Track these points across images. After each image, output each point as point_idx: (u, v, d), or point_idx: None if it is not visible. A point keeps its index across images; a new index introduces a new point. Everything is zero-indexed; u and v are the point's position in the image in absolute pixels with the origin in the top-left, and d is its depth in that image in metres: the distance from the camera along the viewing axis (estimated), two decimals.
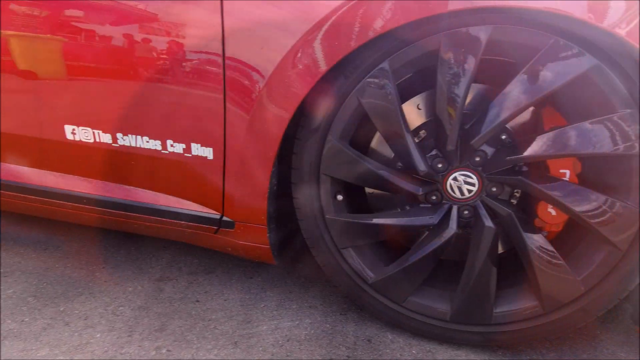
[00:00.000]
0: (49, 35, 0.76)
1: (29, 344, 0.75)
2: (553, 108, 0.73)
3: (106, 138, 0.81)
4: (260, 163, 0.76)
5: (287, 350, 0.78)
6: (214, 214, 0.83)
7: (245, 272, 1.03)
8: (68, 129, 0.81)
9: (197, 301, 0.90)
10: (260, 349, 0.78)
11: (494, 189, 0.72)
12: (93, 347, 0.75)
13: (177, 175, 0.82)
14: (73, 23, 0.76)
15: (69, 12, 0.75)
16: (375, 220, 0.77)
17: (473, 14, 0.62)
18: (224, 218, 0.83)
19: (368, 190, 0.88)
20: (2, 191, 0.91)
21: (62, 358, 0.72)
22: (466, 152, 0.69)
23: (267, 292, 0.96)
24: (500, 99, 0.64)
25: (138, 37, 0.73)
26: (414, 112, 0.77)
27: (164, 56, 0.72)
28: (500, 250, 0.81)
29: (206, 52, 0.70)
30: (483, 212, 0.71)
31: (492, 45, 0.63)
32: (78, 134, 0.81)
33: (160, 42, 0.72)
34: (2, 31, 0.78)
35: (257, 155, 0.75)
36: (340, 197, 0.78)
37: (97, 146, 0.81)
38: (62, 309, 0.84)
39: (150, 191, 0.85)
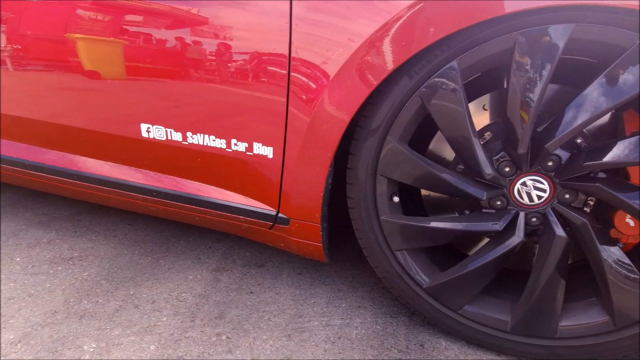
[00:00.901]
0: (129, 40, 0.83)
1: (104, 324, 0.82)
2: (636, 111, 0.67)
3: (177, 136, 0.86)
4: (317, 163, 0.77)
5: (339, 348, 0.79)
6: (270, 210, 0.86)
7: (294, 268, 1.05)
8: (144, 127, 0.88)
9: (251, 292, 0.94)
10: (313, 343, 0.80)
11: (567, 196, 0.68)
12: (160, 329, 0.81)
13: (238, 173, 0.86)
14: (149, 29, 0.81)
15: (149, 18, 0.81)
16: (434, 224, 0.75)
17: (552, 12, 0.59)
18: (280, 215, 0.86)
19: (424, 192, 0.86)
20: (78, 182, 1.00)
21: (133, 338, 0.79)
22: (538, 156, 0.66)
23: (316, 288, 0.98)
24: (579, 101, 0.61)
25: (208, 41, 0.77)
26: (479, 113, 0.75)
27: (233, 59, 0.75)
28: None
29: (273, 55, 0.72)
30: (554, 219, 0.67)
31: (572, 44, 0.59)
32: (152, 132, 0.87)
33: (229, 46, 0.75)
34: (81, 35, 0.86)
35: (315, 156, 0.77)
36: (396, 199, 0.78)
37: (168, 144, 0.87)
38: (131, 292, 0.91)
39: (213, 187, 0.89)
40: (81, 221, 1.23)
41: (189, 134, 0.85)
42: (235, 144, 0.83)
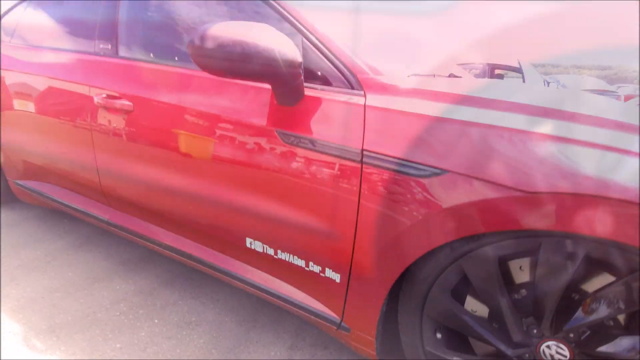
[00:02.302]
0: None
1: None
2: None
3: (270, 251, 1.15)
4: (375, 295, 0.98)
5: None
6: (335, 318, 1.10)
7: (353, 353, 1.27)
8: (248, 240, 1.18)
9: None
10: None
11: None
12: None
13: (313, 285, 1.11)
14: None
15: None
16: None
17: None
18: (343, 324, 1.09)
19: None
20: (201, 266, 1.35)
21: None
22: (561, 327, 0.78)
23: None
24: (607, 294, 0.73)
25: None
26: (517, 271, 0.88)
27: (313, 206, 1.00)
28: None
29: (343, 214, 0.96)
30: None
31: None
32: (253, 245, 1.18)
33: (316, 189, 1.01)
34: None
35: (374, 287, 0.98)
36: (439, 335, 0.95)
37: (263, 255, 1.16)
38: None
39: (295, 289, 1.16)
40: (194, 281, 1.62)
41: (279, 251, 1.14)
42: (312, 265, 1.08)
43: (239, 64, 0.86)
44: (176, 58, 1.30)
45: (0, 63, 1.81)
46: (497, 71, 8.38)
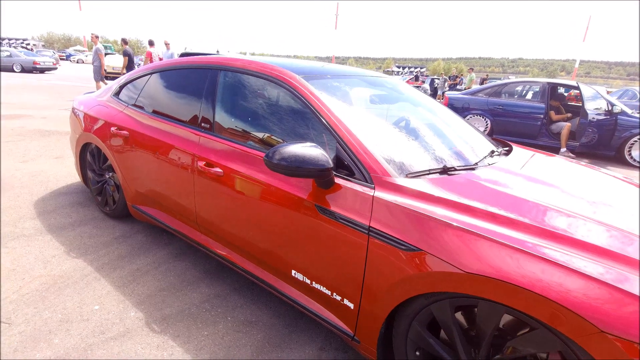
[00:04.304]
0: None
1: None
2: None
3: (307, 281, 1.67)
4: (375, 320, 1.45)
5: None
6: (350, 332, 1.58)
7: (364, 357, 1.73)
8: (293, 271, 1.71)
9: None
10: None
11: None
12: None
13: (336, 307, 1.61)
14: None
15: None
16: None
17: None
18: (355, 337, 1.57)
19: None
20: (257, 282, 1.92)
21: None
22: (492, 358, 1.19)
23: None
24: None
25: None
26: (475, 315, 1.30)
27: (338, 253, 1.50)
28: None
29: (357, 260, 1.44)
30: None
31: None
32: (296, 274, 1.71)
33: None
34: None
35: (375, 316, 1.44)
36: (417, 353, 1.39)
37: (302, 282, 1.68)
38: (280, 355, 1.76)
39: (324, 308, 1.66)
40: (254, 290, 2.19)
41: (313, 282, 1.65)
42: (336, 295, 1.58)
43: (292, 170, 1.39)
44: (256, 145, 1.87)
45: (124, 122, 2.55)
46: (559, 89, 8.15)
